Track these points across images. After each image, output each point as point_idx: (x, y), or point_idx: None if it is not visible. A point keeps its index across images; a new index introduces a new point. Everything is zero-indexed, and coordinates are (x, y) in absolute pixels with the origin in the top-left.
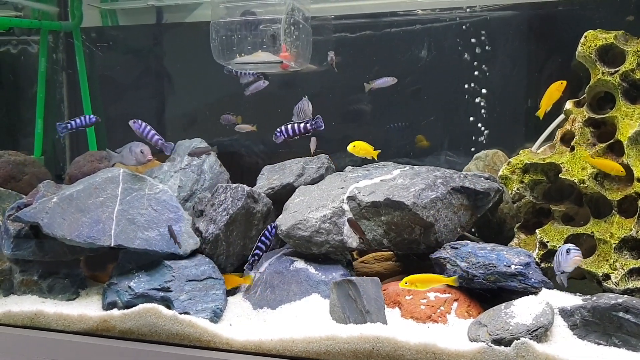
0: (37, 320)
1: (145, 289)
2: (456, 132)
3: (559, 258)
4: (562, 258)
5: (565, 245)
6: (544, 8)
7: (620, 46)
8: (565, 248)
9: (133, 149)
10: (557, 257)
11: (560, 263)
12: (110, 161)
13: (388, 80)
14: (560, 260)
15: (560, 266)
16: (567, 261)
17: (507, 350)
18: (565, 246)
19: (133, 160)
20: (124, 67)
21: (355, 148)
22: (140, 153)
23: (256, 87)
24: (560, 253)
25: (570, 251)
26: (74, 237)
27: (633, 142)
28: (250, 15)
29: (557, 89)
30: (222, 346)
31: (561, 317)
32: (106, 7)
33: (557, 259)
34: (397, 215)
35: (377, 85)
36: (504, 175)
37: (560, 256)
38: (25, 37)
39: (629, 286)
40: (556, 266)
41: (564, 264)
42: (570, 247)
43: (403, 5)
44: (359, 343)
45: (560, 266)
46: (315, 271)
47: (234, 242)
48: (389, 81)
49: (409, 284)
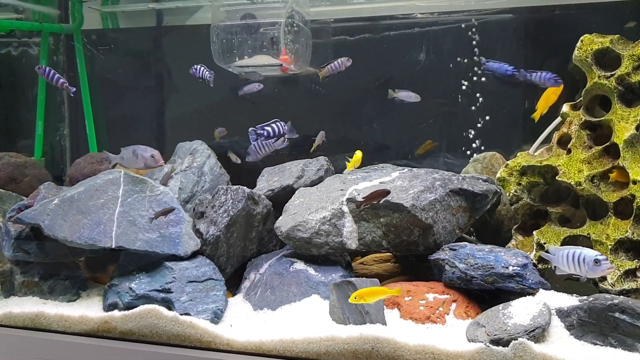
0: (38, 322)
1: (146, 290)
2: (454, 135)
3: (581, 266)
4: (588, 267)
5: (588, 253)
6: (540, 12)
7: (616, 50)
8: (591, 257)
9: (140, 153)
10: (575, 260)
11: (584, 271)
12: (111, 163)
13: (412, 95)
14: (586, 269)
15: (583, 273)
16: (595, 271)
17: (505, 350)
18: (590, 255)
19: (140, 163)
20: (125, 70)
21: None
22: (151, 158)
23: (250, 89)
24: (584, 260)
25: (600, 262)
26: (75, 238)
27: (629, 144)
28: (250, 18)
29: (554, 93)
30: (223, 347)
31: (558, 318)
32: (107, 10)
33: (578, 266)
34: (396, 217)
35: (400, 96)
36: (501, 177)
37: (583, 263)
38: (26, 40)
39: (625, 287)
40: (573, 269)
41: (591, 272)
42: (597, 256)
43: (401, 9)
44: (358, 344)
45: (582, 273)
46: (314, 272)
47: (235, 244)
48: (412, 97)
49: (358, 298)
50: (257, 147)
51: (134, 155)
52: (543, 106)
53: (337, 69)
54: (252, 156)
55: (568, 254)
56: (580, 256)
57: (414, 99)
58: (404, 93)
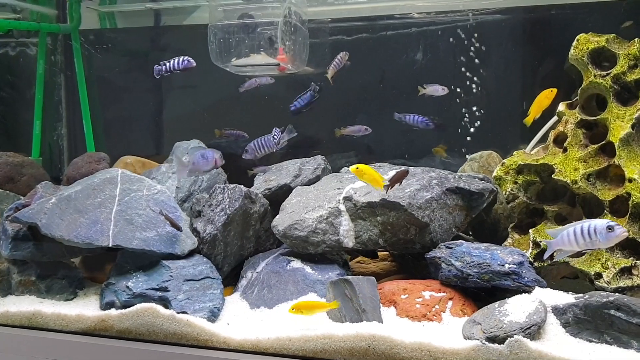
0: (35, 320)
1: (143, 288)
2: (451, 134)
3: (592, 235)
4: (602, 237)
5: (598, 223)
6: (537, 11)
7: (611, 49)
8: (603, 226)
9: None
10: (584, 233)
11: (597, 242)
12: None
13: (439, 89)
14: (599, 239)
15: (594, 244)
16: (609, 239)
17: (500, 347)
18: (601, 223)
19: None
20: (122, 70)
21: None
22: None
23: (250, 84)
24: (595, 230)
25: (613, 228)
26: (72, 237)
27: (624, 143)
28: (247, 18)
29: (547, 97)
30: (220, 345)
31: (554, 315)
32: (104, 10)
33: (589, 236)
34: (392, 215)
35: (429, 92)
36: (498, 176)
37: (594, 234)
38: (23, 39)
39: (621, 285)
40: (584, 245)
41: (604, 242)
42: (609, 223)
43: (399, 9)
44: (355, 341)
45: (594, 245)
46: (311, 271)
47: (232, 243)
48: (439, 90)
49: (296, 310)
50: (256, 146)
51: (202, 158)
52: (536, 110)
53: (340, 65)
54: (249, 154)
55: (575, 230)
56: (590, 228)
57: (441, 92)
58: (432, 87)
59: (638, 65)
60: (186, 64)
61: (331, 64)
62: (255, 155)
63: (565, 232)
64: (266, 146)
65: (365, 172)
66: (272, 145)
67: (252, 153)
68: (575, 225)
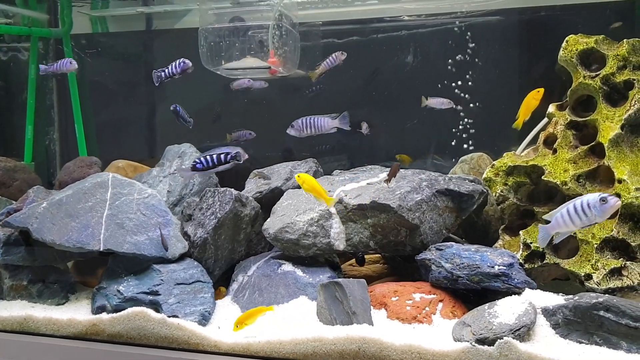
0: (26, 325)
1: (134, 292)
2: (443, 136)
3: (586, 211)
4: (596, 210)
5: (590, 197)
6: (527, 13)
7: (601, 50)
8: (595, 198)
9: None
10: (578, 211)
11: (593, 216)
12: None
13: (444, 102)
14: (594, 214)
15: (591, 220)
16: (604, 211)
17: (490, 349)
18: (592, 197)
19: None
20: (114, 74)
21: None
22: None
23: (239, 84)
24: (588, 205)
25: (606, 199)
26: (64, 241)
27: (614, 144)
28: (238, 21)
29: (534, 98)
30: (211, 349)
31: (544, 317)
32: (96, 14)
33: (583, 212)
34: (383, 217)
35: (432, 104)
36: (487, 177)
37: (588, 209)
38: (15, 44)
39: (611, 286)
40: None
41: (599, 215)
42: (601, 195)
43: (389, 12)
44: (345, 344)
45: (590, 220)
46: (302, 274)
47: (222, 246)
48: (445, 103)
49: (240, 325)
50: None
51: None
52: (524, 113)
53: (333, 64)
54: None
55: (568, 209)
56: (583, 204)
57: (446, 105)
58: (434, 100)
59: (627, 66)
60: (183, 66)
61: (324, 62)
62: (300, 133)
63: (559, 214)
64: (314, 126)
65: (307, 182)
66: (321, 127)
67: (298, 130)
68: (567, 204)
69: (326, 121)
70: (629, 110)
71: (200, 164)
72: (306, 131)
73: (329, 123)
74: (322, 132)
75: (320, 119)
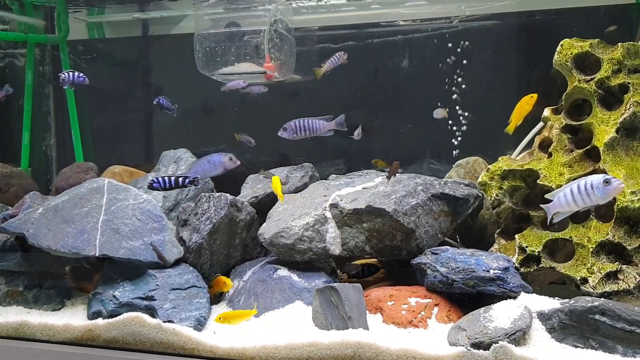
0: (22, 331)
1: (129, 298)
2: (438, 141)
3: (589, 192)
4: (599, 192)
5: (594, 178)
6: (523, 17)
7: (595, 54)
8: (599, 180)
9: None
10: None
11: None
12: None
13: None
14: (597, 195)
15: (592, 201)
16: (607, 193)
17: (485, 354)
18: (597, 178)
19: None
20: (111, 79)
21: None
22: (229, 162)
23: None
24: (592, 186)
25: (610, 181)
26: (59, 247)
27: (609, 147)
28: (234, 26)
29: (527, 103)
30: (206, 354)
31: (539, 321)
32: (93, 20)
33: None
34: (378, 221)
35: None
36: (483, 181)
37: (592, 190)
38: (11, 50)
39: (606, 289)
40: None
41: (602, 197)
42: (605, 177)
43: (385, 17)
44: (340, 349)
45: (592, 201)
46: (298, 279)
47: (218, 251)
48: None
49: (223, 319)
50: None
51: (209, 164)
52: (517, 118)
53: (336, 63)
54: (287, 133)
55: (572, 189)
56: (587, 184)
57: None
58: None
59: (622, 69)
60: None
61: (328, 60)
62: (293, 136)
63: (561, 193)
64: (308, 129)
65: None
66: (315, 129)
67: (291, 132)
68: (570, 184)
69: (321, 124)
70: (624, 113)
71: (157, 184)
72: (300, 134)
73: (324, 125)
74: (316, 134)
75: (314, 122)
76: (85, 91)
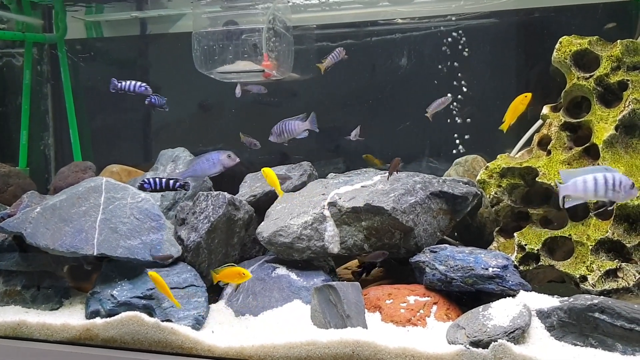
0: (19, 331)
1: (127, 297)
2: (437, 139)
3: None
4: (625, 191)
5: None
6: (521, 15)
7: (594, 51)
8: (626, 180)
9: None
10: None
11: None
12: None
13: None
14: (622, 193)
15: (612, 197)
16: (630, 195)
17: (484, 352)
18: (623, 177)
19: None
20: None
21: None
22: (228, 159)
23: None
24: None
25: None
26: (57, 246)
27: (608, 145)
28: (232, 25)
29: (522, 102)
30: (204, 353)
31: (538, 319)
32: (90, 19)
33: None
34: (377, 220)
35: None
36: (481, 179)
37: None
38: (9, 50)
39: (606, 287)
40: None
41: (624, 196)
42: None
43: (383, 15)
44: (339, 347)
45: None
46: (297, 277)
47: (216, 250)
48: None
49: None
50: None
51: (207, 162)
52: (511, 116)
53: (337, 58)
54: (273, 137)
55: (596, 178)
56: (615, 180)
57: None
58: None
59: (621, 67)
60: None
61: (329, 56)
62: (278, 139)
63: (581, 179)
64: (286, 131)
65: (268, 175)
66: (292, 131)
67: (276, 136)
68: (593, 172)
69: (296, 124)
70: (623, 111)
71: (148, 185)
72: (283, 136)
73: (299, 126)
74: (294, 136)
75: (290, 123)
76: (84, 90)
